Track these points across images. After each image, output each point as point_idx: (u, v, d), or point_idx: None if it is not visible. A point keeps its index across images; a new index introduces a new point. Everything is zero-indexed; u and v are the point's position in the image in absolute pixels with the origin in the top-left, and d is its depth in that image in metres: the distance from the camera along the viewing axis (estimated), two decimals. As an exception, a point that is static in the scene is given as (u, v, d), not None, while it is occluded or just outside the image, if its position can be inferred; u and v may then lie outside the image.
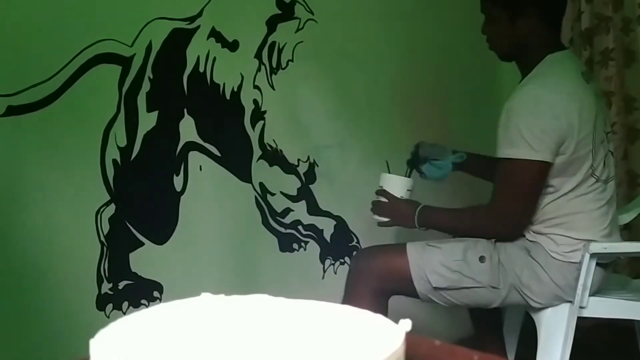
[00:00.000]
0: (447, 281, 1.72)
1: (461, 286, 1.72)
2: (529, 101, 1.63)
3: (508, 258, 1.72)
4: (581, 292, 1.70)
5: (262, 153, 2.03)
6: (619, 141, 2.44)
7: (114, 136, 1.72)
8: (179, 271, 1.83)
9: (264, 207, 2.04)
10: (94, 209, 1.69)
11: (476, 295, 1.73)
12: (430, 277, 1.72)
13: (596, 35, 2.41)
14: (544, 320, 1.76)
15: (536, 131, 1.60)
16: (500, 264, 1.71)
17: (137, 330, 0.57)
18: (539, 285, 1.71)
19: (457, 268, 1.71)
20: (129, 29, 1.73)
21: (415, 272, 1.73)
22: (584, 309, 1.73)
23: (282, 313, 0.61)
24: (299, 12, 2.08)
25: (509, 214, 1.70)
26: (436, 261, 1.72)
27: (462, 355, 0.64)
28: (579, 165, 1.67)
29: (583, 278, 1.69)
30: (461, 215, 1.82)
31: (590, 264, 1.69)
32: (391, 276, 1.74)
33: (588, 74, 1.79)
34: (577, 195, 1.70)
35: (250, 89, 1.99)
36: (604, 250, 1.68)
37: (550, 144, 1.61)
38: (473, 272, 1.71)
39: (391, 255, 1.76)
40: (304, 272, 2.10)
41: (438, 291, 1.74)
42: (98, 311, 1.70)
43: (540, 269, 1.71)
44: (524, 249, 1.74)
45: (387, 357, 0.51)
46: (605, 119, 1.77)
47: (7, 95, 1.53)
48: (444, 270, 1.72)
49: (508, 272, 1.71)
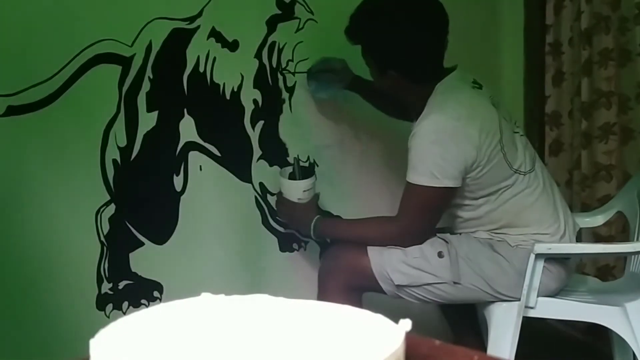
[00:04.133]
0: (408, 278, 1.78)
1: (422, 283, 1.79)
2: (430, 131, 1.71)
3: (471, 252, 1.79)
4: (527, 292, 1.73)
5: (262, 153, 2.03)
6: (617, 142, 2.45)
7: (114, 136, 1.72)
8: (179, 271, 1.83)
9: (264, 207, 2.05)
10: (94, 209, 1.69)
11: (439, 291, 1.80)
12: (392, 275, 1.79)
13: (595, 35, 2.41)
14: (493, 319, 1.81)
15: (437, 160, 1.70)
16: (461, 258, 1.77)
17: (137, 330, 0.57)
18: (504, 277, 1.77)
19: (416, 265, 1.78)
20: (129, 29, 1.73)
21: (378, 271, 1.80)
22: (532, 309, 1.77)
23: (282, 313, 0.61)
24: (299, 12, 2.07)
25: (412, 229, 1.80)
26: (396, 259, 1.79)
27: (462, 355, 0.64)
28: (498, 171, 1.75)
29: (529, 278, 1.73)
30: (368, 224, 1.89)
31: (536, 264, 1.73)
32: (356, 275, 1.81)
33: (477, 81, 1.86)
34: (513, 195, 1.79)
35: (250, 89, 1.99)
36: (548, 250, 1.72)
37: (453, 171, 1.70)
38: (433, 267, 1.78)
39: (354, 255, 1.83)
40: (304, 272, 2.10)
41: (402, 288, 1.80)
42: (98, 311, 1.70)
43: (503, 261, 1.77)
44: (488, 245, 1.80)
45: (387, 357, 0.51)
46: (507, 118, 1.83)
47: (7, 95, 1.53)
48: (404, 268, 1.78)
49: (471, 266, 1.77)
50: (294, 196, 1.93)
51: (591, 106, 2.43)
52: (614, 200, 2.16)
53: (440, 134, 1.70)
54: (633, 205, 2.02)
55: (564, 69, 2.55)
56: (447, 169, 1.70)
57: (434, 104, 1.76)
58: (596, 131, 2.42)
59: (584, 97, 2.42)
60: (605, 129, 2.41)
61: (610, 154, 2.41)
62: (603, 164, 2.42)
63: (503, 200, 1.78)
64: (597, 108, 2.42)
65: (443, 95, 1.76)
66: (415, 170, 1.73)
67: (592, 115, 2.43)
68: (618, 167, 2.42)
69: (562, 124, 2.58)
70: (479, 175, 1.74)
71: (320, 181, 2.07)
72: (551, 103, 2.61)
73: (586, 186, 2.45)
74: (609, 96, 2.40)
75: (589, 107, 2.43)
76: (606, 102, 2.40)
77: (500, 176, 1.76)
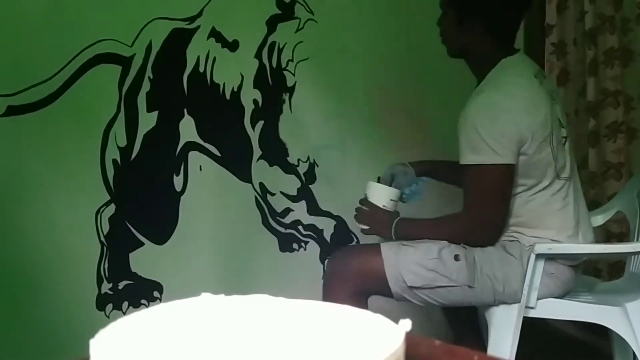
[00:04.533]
0: (422, 280, 1.72)
1: (436, 285, 1.73)
2: (485, 107, 1.65)
3: (484, 255, 1.74)
4: (528, 292, 1.73)
5: (262, 153, 2.03)
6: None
7: (114, 136, 1.72)
8: (179, 271, 1.83)
9: (264, 207, 2.05)
10: (94, 209, 1.69)
11: (451, 294, 1.74)
12: (405, 276, 1.73)
13: (600, 35, 2.42)
14: (493, 319, 1.80)
15: (496, 135, 1.62)
16: (475, 262, 1.73)
17: (137, 330, 0.57)
18: (513, 275, 1.73)
19: (432, 267, 1.72)
20: (129, 29, 1.73)
21: (390, 272, 1.74)
22: (532, 309, 1.76)
23: (282, 313, 0.61)
24: (299, 12, 2.08)
25: (483, 218, 1.71)
26: (411, 260, 1.73)
27: (462, 355, 0.64)
28: (541, 167, 1.70)
29: (529, 279, 1.72)
30: (438, 224, 1.82)
31: (536, 265, 1.72)
32: (366, 277, 1.75)
33: (541, 74, 1.82)
34: (545, 196, 1.73)
35: (250, 89, 1.99)
36: (548, 251, 1.71)
37: (511, 146, 1.63)
38: (449, 270, 1.72)
39: (366, 256, 1.78)
40: (304, 272, 2.10)
41: (413, 290, 1.74)
42: (98, 311, 1.70)
43: (514, 260, 1.73)
44: (501, 247, 1.76)
45: (387, 357, 0.51)
46: (560, 119, 1.80)
47: (7, 95, 1.53)
48: (419, 269, 1.72)
49: (483, 270, 1.73)
50: (381, 202, 1.86)
51: (597, 105, 2.44)
52: (614, 200, 2.16)
53: (496, 110, 1.64)
54: (633, 205, 2.02)
55: (569, 69, 2.56)
56: (507, 144, 1.62)
57: (493, 79, 1.71)
58: (604, 130, 2.44)
59: (590, 96, 2.44)
60: (613, 128, 2.42)
61: (619, 152, 2.43)
62: (612, 162, 2.44)
63: (534, 198, 1.72)
64: (603, 107, 2.44)
65: (504, 73, 1.71)
66: (474, 149, 1.64)
67: (599, 114, 2.44)
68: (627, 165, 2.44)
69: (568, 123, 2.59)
70: (525, 162, 1.67)
71: (320, 181, 2.07)
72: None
73: (595, 184, 2.47)
74: (616, 95, 2.42)
75: (595, 106, 2.44)
76: (614, 101, 2.41)
77: (542, 171, 1.71)
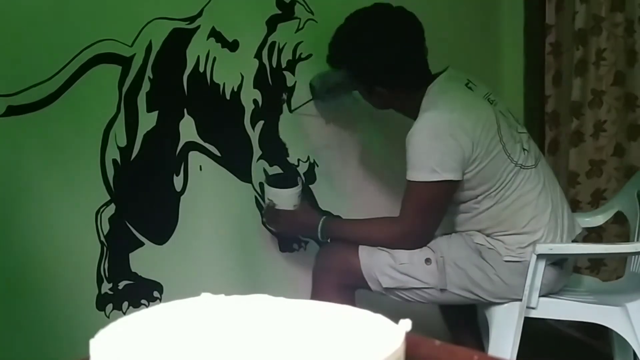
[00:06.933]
0: (395, 282, 1.81)
1: (410, 287, 1.81)
2: (426, 126, 1.73)
3: (459, 258, 1.80)
4: (529, 292, 1.73)
5: (262, 153, 2.03)
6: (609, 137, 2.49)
7: (114, 136, 1.71)
8: (179, 271, 1.83)
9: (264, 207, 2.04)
10: (94, 209, 1.69)
11: (426, 294, 1.83)
12: (380, 278, 1.82)
13: (590, 36, 2.44)
14: (494, 319, 1.82)
15: (436, 154, 1.71)
16: (448, 265, 1.79)
17: (137, 330, 0.57)
18: (490, 284, 1.79)
19: (404, 270, 1.81)
20: (129, 29, 1.73)
21: (366, 273, 1.83)
22: (533, 309, 1.78)
23: (282, 313, 0.61)
24: (299, 12, 2.07)
25: (414, 230, 1.81)
26: (384, 263, 1.82)
27: (462, 355, 0.64)
28: (498, 163, 1.75)
29: (530, 279, 1.74)
30: (370, 225, 1.90)
31: (537, 265, 1.73)
32: (347, 274, 1.84)
33: (472, 82, 1.87)
34: (513, 191, 1.78)
35: (250, 89, 1.99)
36: (549, 251, 1.73)
37: (452, 163, 1.71)
38: (420, 273, 1.80)
39: (345, 255, 1.86)
40: (304, 272, 2.10)
41: (389, 290, 1.83)
42: (98, 311, 1.70)
43: (491, 270, 1.78)
44: (477, 251, 1.81)
45: (387, 357, 0.51)
46: (507, 114, 1.85)
47: (7, 95, 1.53)
48: (392, 272, 1.81)
49: (457, 273, 1.79)
50: (290, 204, 1.91)
51: (582, 106, 2.47)
52: (613, 200, 2.17)
53: (435, 129, 1.72)
54: (633, 205, 2.03)
55: (562, 69, 2.57)
56: (447, 161, 1.70)
57: (427, 103, 1.79)
58: (591, 129, 2.48)
59: (574, 96, 2.47)
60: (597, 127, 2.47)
61: (601, 150, 2.47)
62: (595, 159, 2.48)
63: (503, 195, 1.78)
64: (591, 107, 2.46)
65: (435, 95, 1.79)
66: (414, 167, 1.74)
67: (585, 115, 2.48)
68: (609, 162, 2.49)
69: (560, 124, 2.61)
70: (479, 168, 1.74)
71: (320, 181, 2.07)
72: (551, 103, 2.62)
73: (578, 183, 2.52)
74: (601, 95, 2.46)
75: (579, 106, 2.47)
76: (598, 101, 2.45)
77: (501, 169, 1.76)
